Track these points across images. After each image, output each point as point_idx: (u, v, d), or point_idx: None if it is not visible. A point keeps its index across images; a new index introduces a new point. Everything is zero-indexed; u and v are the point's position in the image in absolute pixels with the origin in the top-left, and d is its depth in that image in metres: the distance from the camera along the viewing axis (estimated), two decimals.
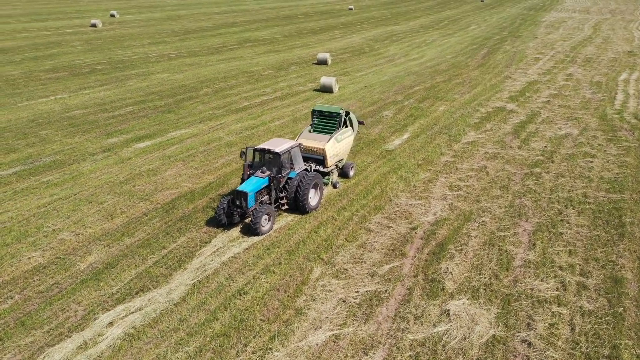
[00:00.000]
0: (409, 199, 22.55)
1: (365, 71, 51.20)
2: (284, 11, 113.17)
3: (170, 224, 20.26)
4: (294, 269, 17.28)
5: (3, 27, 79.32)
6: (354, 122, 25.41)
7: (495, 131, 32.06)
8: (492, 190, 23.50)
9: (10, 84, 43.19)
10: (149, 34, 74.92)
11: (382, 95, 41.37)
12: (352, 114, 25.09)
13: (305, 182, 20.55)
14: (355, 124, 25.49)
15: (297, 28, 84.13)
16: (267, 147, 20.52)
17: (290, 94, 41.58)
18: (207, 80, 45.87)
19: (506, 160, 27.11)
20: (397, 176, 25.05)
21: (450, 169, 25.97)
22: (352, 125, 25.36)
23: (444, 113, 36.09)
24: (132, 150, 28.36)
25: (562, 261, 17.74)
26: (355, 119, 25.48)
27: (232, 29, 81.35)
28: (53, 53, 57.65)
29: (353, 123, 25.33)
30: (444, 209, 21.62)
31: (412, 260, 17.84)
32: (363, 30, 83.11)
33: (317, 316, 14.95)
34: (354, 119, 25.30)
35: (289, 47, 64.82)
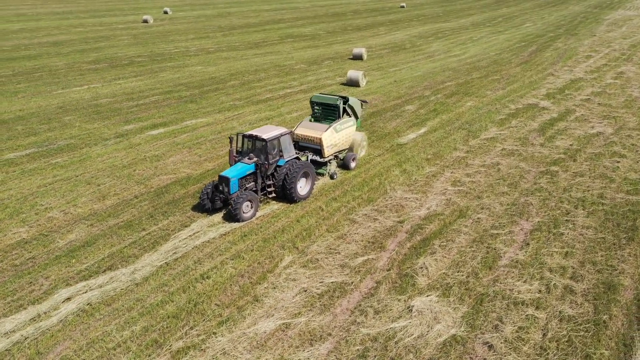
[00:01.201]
0: (406, 193, 21.59)
1: (399, 67, 50.03)
2: (334, 9, 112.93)
3: (157, 207, 20.31)
4: (265, 256, 16.84)
5: (62, 22, 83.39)
6: (357, 109, 24.64)
7: (519, 128, 30.33)
8: (498, 187, 22.14)
9: (52, 73, 45.14)
10: (196, 29, 76.57)
11: (410, 90, 40.19)
12: (353, 100, 24.29)
13: (293, 171, 20.05)
14: (358, 110, 24.71)
15: (342, 25, 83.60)
16: (255, 133, 20.18)
17: (316, 87, 41.14)
18: (238, 73, 46.19)
19: (523, 158, 25.53)
20: (400, 169, 24.09)
21: (460, 165, 24.72)
22: (355, 112, 24.60)
23: (469, 109, 34.56)
24: (144, 136, 28.81)
25: (553, 263, 16.36)
26: (358, 103, 24.67)
27: (277, 25, 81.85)
28: (100, 46, 59.90)
29: (356, 110, 24.56)
30: (440, 204, 20.53)
31: (390, 254, 16.98)
32: (410, 27, 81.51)
33: (273, 304, 14.44)
34: (356, 104, 24.50)
35: (329, 43, 64.40)
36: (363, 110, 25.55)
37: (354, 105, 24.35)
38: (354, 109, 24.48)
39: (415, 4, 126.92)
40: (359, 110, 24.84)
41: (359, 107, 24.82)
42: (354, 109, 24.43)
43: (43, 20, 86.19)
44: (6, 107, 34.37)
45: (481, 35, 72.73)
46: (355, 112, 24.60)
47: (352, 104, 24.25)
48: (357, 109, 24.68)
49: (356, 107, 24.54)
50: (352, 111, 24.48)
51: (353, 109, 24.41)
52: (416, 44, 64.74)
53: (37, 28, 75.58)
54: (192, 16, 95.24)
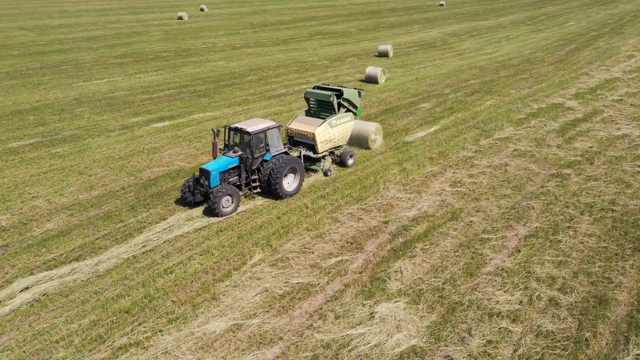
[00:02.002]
0: (399, 192, 20.50)
1: (425, 64, 48.56)
2: (371, 7, 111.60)
3: (141, 199, 19.98)
4: (235, 253, 16.17)
5: (100, 18, 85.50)
6: (355, 99, 23.66)
7: (538, 128, 28.60)
8: (500, 189, 20.76)
9: (77, 67, 45.99)
10: (228, 26, 76.94)
11: (429, 87, 38.80)
12: (349, 91, 23.29)
13: (278, 166, 19.33)
14: (356, 100, 23.75)
15: (375, 22, 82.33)
16: (240, 126, 19.56)
17: (333, 83, 40.26)
18: (258, 68, 45.84)
19: (535, 159, 23.96)
20: (399, 168, 22.99)
21: (464, 165, 23.40)
22: (353, 104, 23.64)
23: (488, 108, 32.97)
24: (149, 129, 28.71)
25: (542, 272, 15.01)
26: (355, 93, 23.67)
27: (310, 23, 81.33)
28: (130, 41, 60.86)
29: (353, 101, 23.59)
30: (433, 205, 19.36)
31: (366, 256, 16.00)
32: (445, 25, 79.45)
33: (230, 303, 13.75)
34: (353, 95, 23.51)
35: (358, 40, 63.37)
36: (362, 100, 24.57)
37: (349, 97, 23.38)
38: (351, 101, 23.51)
39: (455, 2, 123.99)
40: (357, 101, 23.87)
41: (357, 97, 23.84)
42: (350, 101, 23.46)
43: (83, 16, 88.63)
44: (25, 98, 35.07)
45: (518, 33, 70.07)
46: (353, 103, 23.63)
47: (347, 97, 23.29)
48: (355, 100, 23.71)
49: (353, 98, 23.58)
50: (350, 103, 23.52)
51: (350, 101, 23.45)
52: (448, 41, 62.89)
53: (76, 24, 77.68)
54: (227, 13, 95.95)
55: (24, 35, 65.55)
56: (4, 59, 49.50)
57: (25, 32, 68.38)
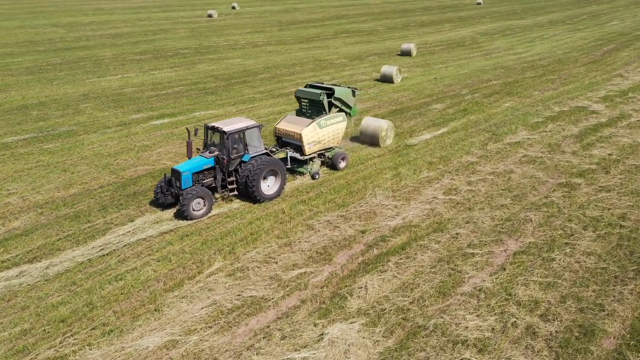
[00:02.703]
0: (387, 199, 19.09)
1: (448, 63, 46.60)
2: (404, 5, 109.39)
3: (116, 199, 19.27)
4: (194, 260, 15.17)
5: (132, 16, 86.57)
6: (348, 99, 22.33)
7: (554, 133, 26.57)
8: (499, 198, 19.07)
9: (96, 63, 46.20)
10: (255, 24, 76.52)
11: (447, 88, 36.99)
12: (341, 90, 21.98)
13: (256, 168, 18.24)
14: (349, 100, 22.42)
15: (406, 21, 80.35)
16: (217, 125, 18.57)
17: (346, 82, 38.95)
18: (274, 66, 44.94)
19: (544, 167, 22.08)
20: (393, 173, 21.56)
21: (465, 171, 21.76)
22: (346, 103, 22.32)
23: (505, 110, 31.01)
24: (146, 126, 28.17)
25: (525, 295, 13.39)
26: (349, 92, 22.35)
27: (339, 21, 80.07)
28: (155, 39, 61.07)
29: (346, 101, 22.26)
30: (419, 214, 17.88)
31: (333, 268, 14.72)
32: (478, 24, 76.75)
33: (173, 316, 12.73)
34: (346, 95, 22.18)
35: (383, 39, 61.72)
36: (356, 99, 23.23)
37: (342, 96, 22.07)
38: (344, 101, 22.19)
39: (493, 1, 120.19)
40: (351, 100, 22.54)
41: (350, 97, 22.51)
42: (343, 100, 22.14)
43: (116, 14, 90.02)
44: (36, 93, 35.20)
45: (555, 33, 66.88)
46: (346, 103, 22.31)
47: (340, 96, 21.98)
48: (348, 99, 22.38)
49: (346, 97, 22.26)
50: (342, 103, 22.21)
51: (342, 100, 22.14)
52: (477, 41, 60.50)
53: (106, 21, 78.82)
54: (258, 11, 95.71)
55: (55, 32, 66.81)
56: (29, 54, 50.29)
57: (57, 29, 69.72)
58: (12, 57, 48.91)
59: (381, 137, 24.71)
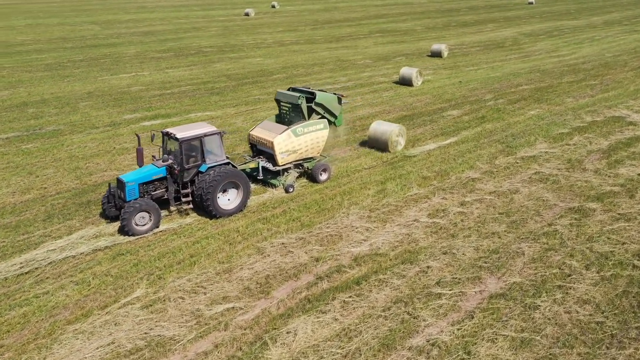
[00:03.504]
0: (360, 220, 16.72)
1: (480, 66, 43.31)
2: (450, 4, 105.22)
3: (67, 207, 17.82)
4: (115, 286, 13.36)
5: (170, 14, 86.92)
6: (332, 106, 20.09)
7: (579, 146, 23.31)
8: (492, 224, 16.34)
9: (115, 60, 45.72)
10: (290, 23, 74.98)
11: (470, 92, 33.95)
12: (324, 96, 19.79)
13: (211, 180, 16.31)
14: (334, 107, 20.18)
15: (447, 21, 76.73)
16: (172, 131, 16.76)
17: (362, 84, 36.58)
18: (292, 66, 43.03)
19: (557, 187, 19.08)
20: (378, 188, 19.13)
21: (462, 189, 19.06)
22: (330, 111, 20.07)
23: (528, 118, 27.83)
24: (136, 127, 26.87)
25: (488, 355, 10.79)
26: (334, 99, 20.12)
27: (376, 20, 77.40)
28: (184, 37, 60.48)
29: (330, 108, 20.02)
30: (392, 241, 15.43)
31: (268, 305, 12.56)
32: (525, 24, 72.25)
33: (62, 356, 10.93)
34: (330, 101, 19.95)
35: (418, 39, 58.69)
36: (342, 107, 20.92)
37: (325, 102, 19.84)
38: (327, 107, 19.96)
39: (546, 0, 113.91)
40: (336, 108, 20.28)
41: (336, 104, 20.24)
42: (325, 107, 19.91)
43: (156, 12, 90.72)
44: (42, 90, 34.72)
45: (607, 34, 61.79)
46: (330, 110, 20.06)
47: (322, 102, 19.76)
48: (333, 107, 20.13)
49: (330, 104, 20.02)
50: (325, 110, 19.98)
51: (325, 107, 19.90)
52: (519, 42, 56.52)
53: (144, 19, 79.30)
54: (297, 10, 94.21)
55: (90, 29, 67.52)
56: (55, 51, 50.55)
57: (93, 26, 70.53)
58: (38, 53, 49.24)
59: (391, 142, 22.78)
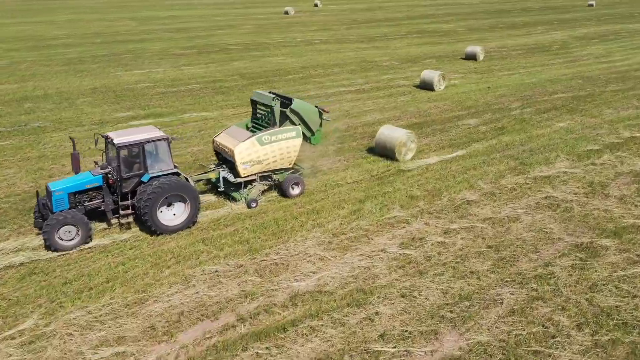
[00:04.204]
0: (318, 246, 14.32)
1: (516, 70, 39.73)
2: (503, 5, 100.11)
3: (6, 213, 16.40)
4: (6, 314, 11.58)
5: (211, 11, 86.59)
6: (310, 119, 17.78)
7: (606, 167, 19.96)
8: (474, 260, 13.59)
9: (136, 56, 44.99)
10: (326, 22, 72.88)
11: (496, 99, 30.72)
12: (302, 105, 17.54)
13: (150, 192, 14.34)
14: (312, 120, 17.86)
15: (495, 22, 72.50)
16: (111, 135, 14.91)
17: (379, 87, 33.97)
18: (313, 66, 40.86)
19: (568, 216, 16.02)
20: (353, 208, 16.65)
21: (453, 212, 16.32)
22: (306, 123, 17.75)
23: (555, 131, 24.51)
24: (123, 126, 25.40)
25: None
26: (315, 112, 17.82)
27: (419, 21, 74.09)
28: (214, 34, 59.49)
29: (307, 120, 17.70)
30: (345, 275, 12.97)
31: (166, 351, 10.41)
32: (580, 27, 67.16)
33: None
34: (309, 113, 17.66)
35: (457, 41, 55.22)
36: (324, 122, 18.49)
37: (302, 112, 17.54)
38: (303, 119, 17.61)
39: (608, 2, 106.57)
40: (315, 122, 17.92)
41: (315, 117, 17.88)
42: (302, 117, 17.57)
43: (200, 9, 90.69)
44: (50, 84, 34.10)
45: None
46: (306, 122, 17.71)
47: (298, 110, 17.47)
48: (311, 119, 17.80)
49: (308, 116, 17.71)
50: (301, 121, 17.63)
51: (301, 117, 17.56)
52: (568, 45, 52.11)
53: (183, 16, 79.19)
54: (339, 9, 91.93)
55: (126, 25, 67.77)
56: (83, 45, 50.49)
57: (130, 22, 70.84)
58: (65, 47, 49.27)
59: (397, 150, 20.59)
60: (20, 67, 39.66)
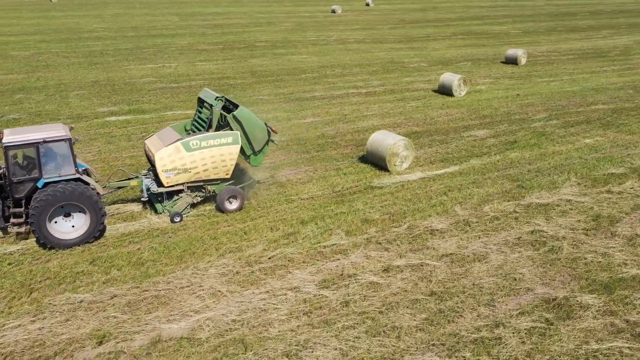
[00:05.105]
0: (218, 277, 11.88)
1: (559, 77, 35.48)
2: (570, 8, 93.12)
3: None
4: None
5: (259, 8, 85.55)
6: (254, 135, 15.27)
7: (625, 197, 16.27)
8: (402, 312, 10.74)
9: (157, 50, 44.08)
10: (371, 21, 69.92)
11: (519, 108, 27.04)
12: (247, 115, 15.09)
13: (40, 200, 12.42)
14: (259, 141, 15.32)
15: (553, 25, 67.02)
16: (5, 133, 13.11)
17: (393, 90, 30.97)
18: (332, 65, 38.29)
19: (551, 259, 12.76)
20: (289, 231, 14.08)
21: (407, 244, 13.41)
22: (248, 143, 15.25)
23: (577, 149, 20.82)
24: (99, 121, 24.07)
25: None
26: (262, 130, 15.29)
27: (470, 22, 69.70)
28: (249, 31, 58.04)
29: (249, 134, 15.19)
30: (232, 320, 10.44)
31: None
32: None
33: None
34: (253, 128, 15.14)
35: (504, 43, 50.92)
36: (269, 142, 15.80)
37: (246, 123, 15.07)
38: (246, 132, 15.09)
39: None
40: (259, 140, 15.34)
41: (260, 135, 15.31)
42: (244, 130, 15.04)
43: (248, 6, 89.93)
44: (55, 76, 33.46)
45: None
46: (248, 137, 15.17)
47: (242, 119, 14.99)
48: (255, 136, 15.24)
49: (252, 130, 15.16)
50: (243, 134, 15.09)
51: (243, 129, 15.04)
52: (629, 52, 46.73)
53: (227, 12, 78.52)
54: (390, 9, 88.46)
55: (168, 20, 67.68)
56: (113, 39, 50.32)
57: (173, 17, 70.82)
58: (94, 40, 49.22)
59: (389, 160, 18.10)
60: (39, 58, 39.52)
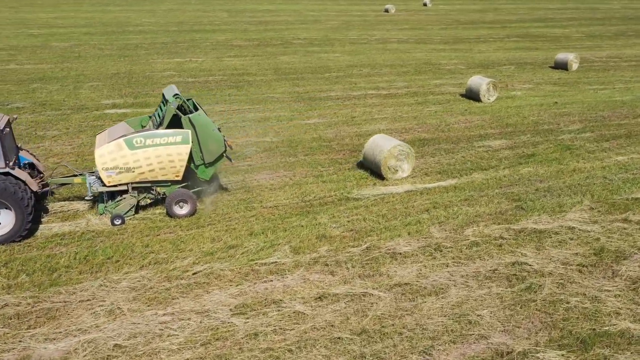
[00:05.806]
0: (124, 292, 10.58)
1: (612, 85, 32.06)
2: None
3: None
4: None
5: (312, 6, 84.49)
6: (207, 150, 13.83)
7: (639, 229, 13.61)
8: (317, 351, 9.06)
9: (191, 45, 43.84)
10: (422, 21, 67.22)
11: (551, 118, 24.26)
12: (202, 120, 13.68)
13: None
14: (210, 151, 13.92)
15: (623, 29, 62.04)
16: None
17: (418, 92, 28.83)
18: (362, 65, 36.46)
19: (525, 300, 10.65)
20: (231, 243, 12.64)
21: (358, 268, 11.63)
22: (199, 151, 13.84)
23: (602, 167, 18.18)
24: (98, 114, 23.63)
25: None
26: (220, 140, 13.90)
27: (529, 24, 65.61)
28: (292, 28, 57.10)
29: (200, 144, 13.75)
30: (114, 345, 9.09)
31: None
32: None
33: None
34: (205, 136, 13.72)
35: (561, 47, 47.21)
36: (223, 157, 14.28)
37: (200, 129, 13.65)
38: (198, 138, 13.66)
39: None
40: (212, 152, 13.89)
41: (215, 146, 13.86)
42: (197, 135, 13.62)
43: (301, 4, 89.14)
44: (80, 67, 33.61)
45: None
46: (200, 144, 13.74)
47: (196, 124, 13.60)
48: (207, 146, 13.81)
49: (206, 139, 13.72)
50: (195, 139, 13.68)
51: (196, 134, 13.62)
52: None
53: (277, 10, 78.00)
54: (447, 9, 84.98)
55: (217, 16, 67.91)
56: (154, 32, 50.70)
57: (223, 13, 71.06)
58: (135, 34, 49.68)
59: (384, 167, 16.42)
60: (75, 50, 40.09)
